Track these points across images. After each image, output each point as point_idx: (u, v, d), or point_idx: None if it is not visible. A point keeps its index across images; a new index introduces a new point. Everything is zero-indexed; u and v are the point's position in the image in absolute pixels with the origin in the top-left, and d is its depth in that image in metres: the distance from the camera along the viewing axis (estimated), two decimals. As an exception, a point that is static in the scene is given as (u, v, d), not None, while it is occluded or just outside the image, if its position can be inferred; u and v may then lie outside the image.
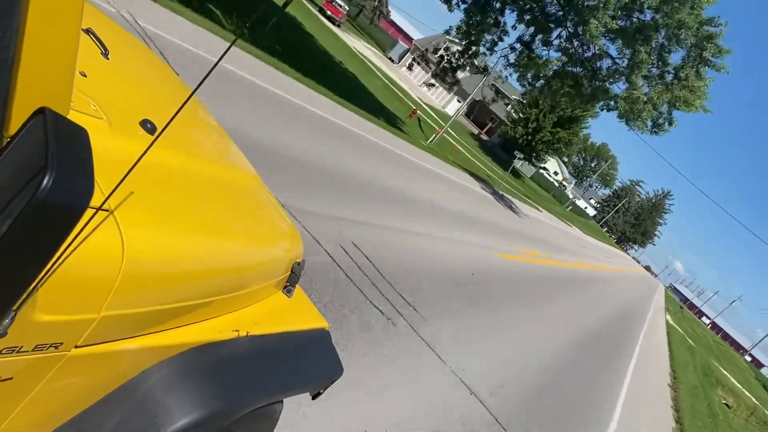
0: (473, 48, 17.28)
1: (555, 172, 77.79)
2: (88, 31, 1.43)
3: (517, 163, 51.58)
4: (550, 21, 15.26)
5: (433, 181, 13.86)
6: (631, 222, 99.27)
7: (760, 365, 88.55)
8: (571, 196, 75.69)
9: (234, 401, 1.39)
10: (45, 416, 1.12)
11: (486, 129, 53.58)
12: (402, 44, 51.12)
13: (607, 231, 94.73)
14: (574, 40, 15.07)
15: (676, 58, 14.52)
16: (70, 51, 0.74)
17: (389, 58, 48.93)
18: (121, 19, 6.01)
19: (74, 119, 0.76)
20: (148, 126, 1.31)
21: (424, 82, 40.40)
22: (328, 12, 33.75)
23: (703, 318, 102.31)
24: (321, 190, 6.35)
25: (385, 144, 12.77)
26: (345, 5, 36.47)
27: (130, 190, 1.02)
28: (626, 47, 13.30)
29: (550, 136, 43.81)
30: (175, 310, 1.24)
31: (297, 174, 6.17)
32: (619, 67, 14.50)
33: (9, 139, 0.71)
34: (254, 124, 6.57)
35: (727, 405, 16.34)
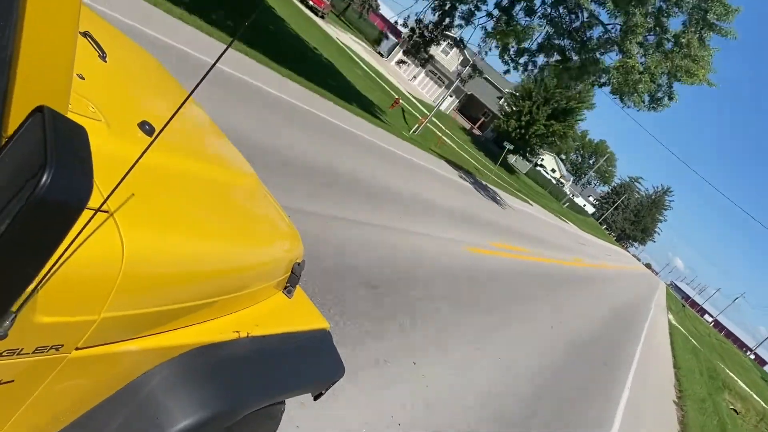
0: (447, 19, 15.65)
1: (552, 170, 76.86)
2: (85, 34, 1.44)
3: (511, 159, 50.04)
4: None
5: (408, 171, 12.41)
6: (630, 219, 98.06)
7: (763, 362, 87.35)
8: (569, 194, 74.33)
9: (235, 402, 1.39)
10: (46, 419, 1.12)
11: (479, 124, 51.86)
12: (393, 38, 49.79)
13: (606, 228, 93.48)
14: (560, 7, 13.43)
15: (675, 24, 12.87)
16: (68, 49, 0.74)
17: (378, 53, 47.59)
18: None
19: None
20: (146, 128, 1.30)
21: (395, 61, 38.72)
22: (310, 2, 32.11)
23: (706, 316, 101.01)
24: (273, 180, 5.21)
25: (354, 130, 11.36)
26: (330, -5, 34.84)
27: (129, 191, 1.03)
28: (618, 10, 11.55)
29: (544, 129, 41.92)
30: (175, 311, 1.24)
31: (253, 160, 4.95)
32: (611, 36, 12.81)
33: (7, 138, 0.71)
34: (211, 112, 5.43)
35: (735, 411, 15.47)
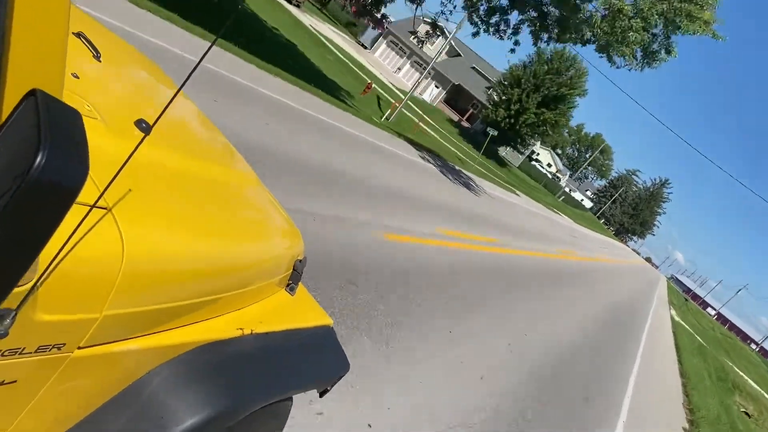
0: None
1: (548, 164, 75.09)
2: (79, 35, 1.43)
3: (502, 151, 48.02)
4: None
5: (373, 156, 11.09)
6: (629, 212, 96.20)
7: (767, 354, 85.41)
8: (565, 187, 72.43)
9: (240, 400, 1.37)
10: (50, 420, 1.10)
11: (467, 115, 49.79)
12: (375, 30, 47.81)
13: (604, 222, 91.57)
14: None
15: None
16: (60, 32, 0.73)
17: (360, 44, 45.58)
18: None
19: None
20: (143, 125, 1.30)
21: (347, 22, 36.46)
22: (284, -9, 29.98)
23: (708, 309, 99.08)
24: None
25: (312, 112, 10.18)
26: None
27: (128, 188, 1.02)
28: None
29: (535, 118, 39.77)
30: (177, 308, 1.22)
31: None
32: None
33: (1, 124, 0.70)
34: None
35: (747, 414, 14.39)
